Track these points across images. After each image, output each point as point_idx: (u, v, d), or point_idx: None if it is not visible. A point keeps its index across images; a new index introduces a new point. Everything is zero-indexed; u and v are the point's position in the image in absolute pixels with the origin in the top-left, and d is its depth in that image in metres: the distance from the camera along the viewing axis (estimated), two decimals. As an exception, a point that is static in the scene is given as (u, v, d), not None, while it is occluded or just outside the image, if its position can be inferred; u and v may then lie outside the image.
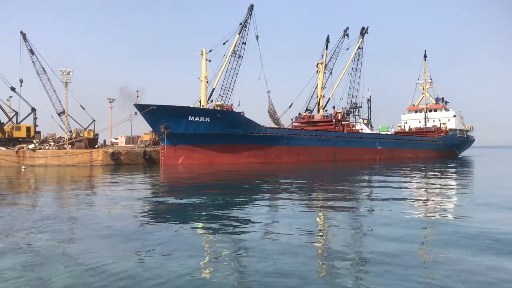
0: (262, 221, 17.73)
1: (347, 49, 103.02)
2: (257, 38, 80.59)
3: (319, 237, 15.25)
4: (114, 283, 10.11)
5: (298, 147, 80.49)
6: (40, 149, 71.93)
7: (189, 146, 67.64)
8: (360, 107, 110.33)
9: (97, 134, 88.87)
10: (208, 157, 68.34)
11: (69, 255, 12.66)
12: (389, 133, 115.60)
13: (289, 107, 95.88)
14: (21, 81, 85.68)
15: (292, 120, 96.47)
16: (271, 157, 75.82)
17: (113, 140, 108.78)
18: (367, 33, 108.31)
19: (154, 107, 64.02)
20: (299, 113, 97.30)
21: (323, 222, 18.23)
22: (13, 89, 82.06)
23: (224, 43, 77.56)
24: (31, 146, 73.57)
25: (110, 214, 20.35)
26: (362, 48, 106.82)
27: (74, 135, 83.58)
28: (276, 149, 77.07)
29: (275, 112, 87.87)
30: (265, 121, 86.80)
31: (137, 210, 21.30)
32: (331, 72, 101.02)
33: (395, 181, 37.96)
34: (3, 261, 11.93)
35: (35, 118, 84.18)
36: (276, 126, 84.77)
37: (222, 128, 68.50)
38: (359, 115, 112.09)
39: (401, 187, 33.00)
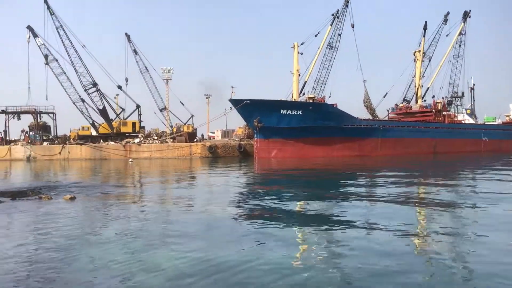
0: (358, 218, 17.40)
1: (447, 35, 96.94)
2: (353, 27, 78.77)
3: (420, 238, 14.67)
4: (214, 273, 10.60)
5: (395, 139, 77.57)
6: (145, 143, 77.10)
7: (282, 140, 68.23)
8: (462, 97, 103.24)
9: (196, 129, 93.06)
10: (301, 150, 68.43)
11: (177, 243, 13.47)
12: (495, 123, 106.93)
13: (384, 97, 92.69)
14: (127, 80, 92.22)
15: (388, 111, 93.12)
16: (366, 149, 73.95)
17: (210, 134, 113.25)
18: (469, 17, 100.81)
19: (248, 101, 65.44)
20: (396, 104, 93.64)
21: (425, 221, 17.48)
22: (119, 87, 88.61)
23: (316, 35, 76.85)
24: (136, 140, 79.12)
25: (210, 203, 21.29)
26: (464, 34, 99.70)
27: (174, 129, 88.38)
28: (371, 142, 75.01)
29: (370, 102, 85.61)
30: (359, 113, 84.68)
31: (235, 201, 22.07)
32: (429, 60, 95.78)
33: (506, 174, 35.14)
34: (116, 246, 13.04)
35: (139, 114, 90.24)
36: (371, 118, 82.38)
37: (315, 120, 68.13)
38: (461, 105, 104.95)
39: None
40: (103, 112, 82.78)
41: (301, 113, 67.45)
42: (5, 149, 76.01)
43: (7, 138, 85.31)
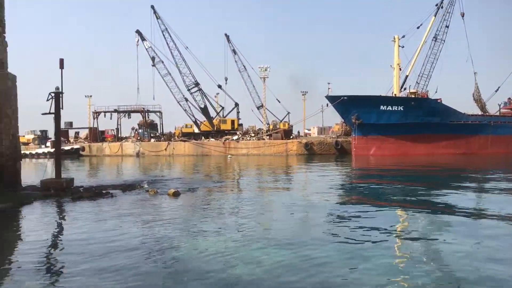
0: (464, 222, 16.29)
1: None
2: (463, 16, 73.74)
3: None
4: (311, 268, 10.56)
5: (507, 136, 71.28)
6: (243, 140, 79.18)
7: (381, 137, 65.98)
8: None
9: (292, 126, 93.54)
10: (401, 147, 65.62)
11: (275, 238, 13.64)
12: None
13: (496, 91, 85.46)
14: (226, 79, 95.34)
15: (499, 105, 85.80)
16: (474, 147, 68.86)
17: (306, 131, 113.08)
18: None
19: (345, 98, 64.19)
20: (509, 98, 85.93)
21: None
22: (219, 86, 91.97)
23: (418, 27, 73.13)
24: (235, 137, 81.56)
25: (309, 199, 21.26)
26: None
27: (271, 127, 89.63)
28: (480, 139, 69.67)
29: (480, 96, 79.63)
30: (466, 108, 79.21)
31: (335, 197, 21.83)
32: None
33: None
34: (219, 240, 13.53)
35: (238, 112, 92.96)
36: (480, 113, 76.59)
37: (417, 116, 64.89)
38: None
39: None
40: (204, 111, 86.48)
41: (402, 109, 64.67)
42: (117, 146, 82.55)
43: (119, 135, 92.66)
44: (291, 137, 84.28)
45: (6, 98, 24.04)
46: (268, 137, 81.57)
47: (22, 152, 35.49)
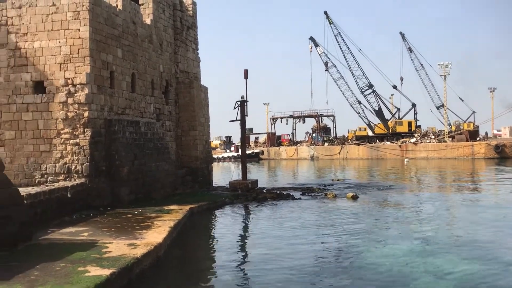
0: None
1: None
2: None
3: None
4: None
5: None
6: (421, 142, 74.80)
7: None
8: None
9: (478, 126, 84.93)
10: None
11: (465, 250, 12.61)
12: None
13: None
14: (401, 79, 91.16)
15: None
16: None
17: (495, 131, 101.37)
18: None
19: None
20: None
21: None
22: (394, 87, 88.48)
23: None
24: (412, 140, 77.49)
25: (501, 212, 19.08)
26: None
27: (453, 128, 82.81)
28: None
29: None
30: None
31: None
32: None
33: None
34: (399, 246, 13.03)
35: (415, 113, 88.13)
36: None
37: None
38: None
39: None
40: (378, 113, 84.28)
41: None
42: (293, 149, 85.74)
43: (295, 139, 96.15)
44: (478, 139, 76.48)
45: (200, 108, 27.06)
46: (450, 139, 75.48)
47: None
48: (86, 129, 18.16)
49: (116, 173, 18.93)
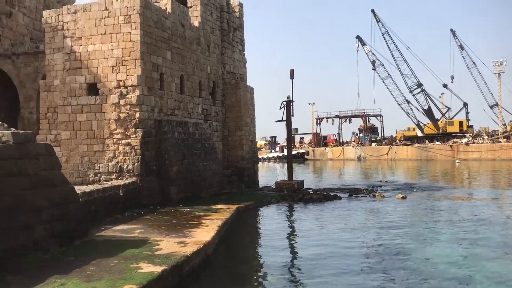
0: None
1: None
2: None
3: None
4: None
5: None
6: (473, 143, 71.98)
7: None
8: None
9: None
10: None
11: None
12: None
13: None
14: (452, 78, 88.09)
15: None
16: None
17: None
18: None
19: None
20: None
21: None
22: (445, 85, 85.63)
23: None
24: (464, 140, 74.69)
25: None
26: None
27: (508, 127, 79.09)
28: None
29: None
30: None
31: None
32: None
33: None
34: (451, 248, 12.57)
35: (467, 113, 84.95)
36: None
37: None
38: None
39: None
40: (428, 112, 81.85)
41: None
42: (339, 150, 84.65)
43: (341, 139, 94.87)
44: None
45: (246, 108, 27.23)
46: (505, 139, 72.17)
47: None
48: (137, 129, 18.69)
49: (165, 172, 19.37)
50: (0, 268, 8.81)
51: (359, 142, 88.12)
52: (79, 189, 14.20)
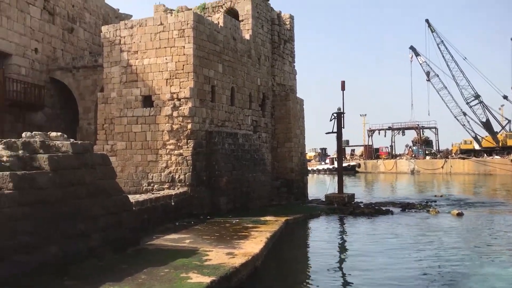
0: None
1: None
2: None
3: None
4: None
5: None
6: (537, 157, 68.08)
7: None
8: None
9: None
10: None
11: None
12: None
13: None
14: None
15: None
16: None
17: None
18: None
19: None
20: None
21: None
22: (505, 97, 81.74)
23: None
24: (526, 154, 70.77)
25: None
26: None
27: None
28: None
29: None
30: None
31: None
32: None
33: None
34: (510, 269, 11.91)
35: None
36: None
37: None
38: None
39: None
40: (486, 125, 78.39)
41: None
42: (392, 163, 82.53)
43: (393, 152, 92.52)
44: None
45: (295, 120, 27.18)
46: None
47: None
48: (189, 140, 19.09)
49: (215, 183, 19.63)
50: (61, 273, 9.21)
51: (413, 155, 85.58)
52: (132, 198, 14.63)
